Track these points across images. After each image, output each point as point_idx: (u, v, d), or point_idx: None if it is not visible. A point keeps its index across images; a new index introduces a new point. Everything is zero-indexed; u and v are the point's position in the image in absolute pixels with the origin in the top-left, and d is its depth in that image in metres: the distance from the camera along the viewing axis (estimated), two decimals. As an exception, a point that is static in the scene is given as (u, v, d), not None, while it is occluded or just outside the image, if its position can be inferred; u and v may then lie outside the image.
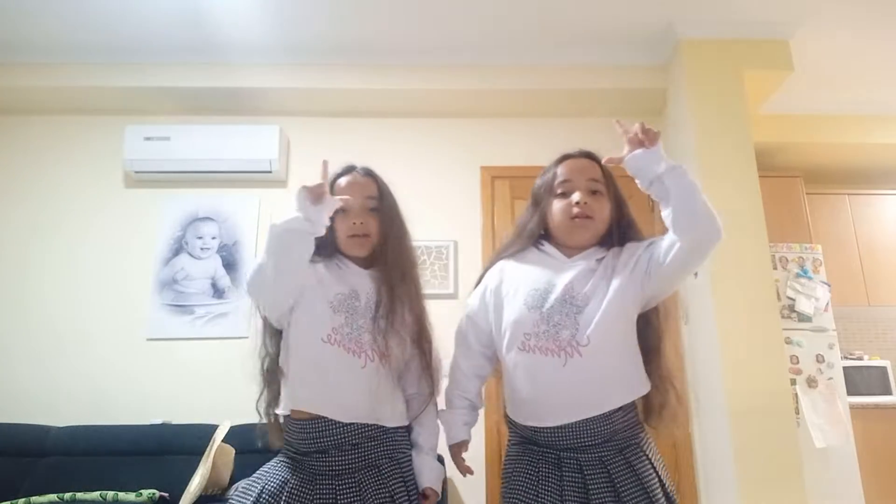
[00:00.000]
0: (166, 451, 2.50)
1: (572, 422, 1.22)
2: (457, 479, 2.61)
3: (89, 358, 2.84)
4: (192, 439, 2.49)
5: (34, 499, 2.22)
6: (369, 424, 1.27)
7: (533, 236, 1.40)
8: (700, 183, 1.20)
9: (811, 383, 2.92)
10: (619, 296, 1.25)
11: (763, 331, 2.47)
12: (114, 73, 2.98)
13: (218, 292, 2.95)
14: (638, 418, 1.29)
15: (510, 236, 1.47)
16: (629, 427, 1.25)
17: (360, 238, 1.35)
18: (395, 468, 1.28)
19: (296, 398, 1.27)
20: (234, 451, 2.39)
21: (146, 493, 2.26)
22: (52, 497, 2.23)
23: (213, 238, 3.04)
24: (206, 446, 2.31)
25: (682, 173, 1.19)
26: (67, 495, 2.24)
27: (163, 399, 2.77)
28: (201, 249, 3.02)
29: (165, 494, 2.30)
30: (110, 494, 2.26)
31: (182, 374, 2.82)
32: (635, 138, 1.22)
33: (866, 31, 2.80)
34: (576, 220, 1.32)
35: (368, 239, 1.36)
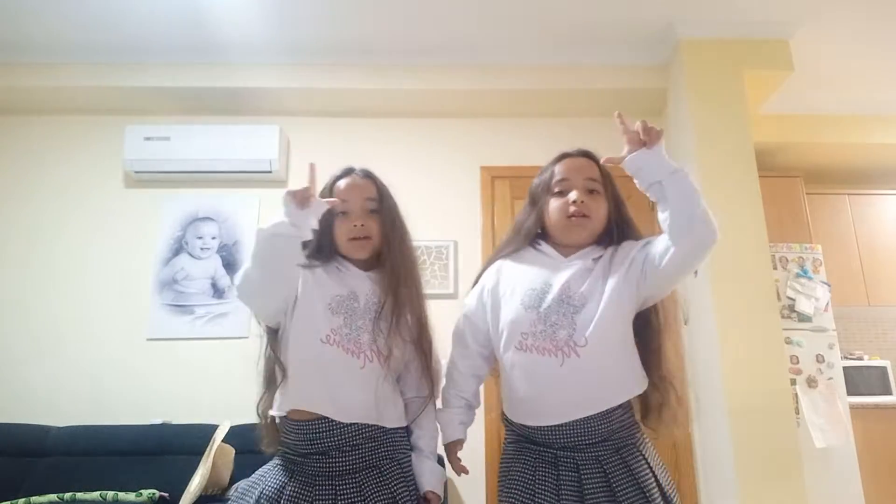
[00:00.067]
0: (166, 451, 2.50)
1: (569, 421, 1.22)
2: (457, 479, 2.61)
3: (89, 357, 2.84)
4: (192, 439, 2.49)
5: (34, 499, 2.22)
6: (370, 425, 1.26)
7: (530, 235, 1.40)
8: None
9: (811, 383, 2.92)
10: (615, 296, 1.24)
11: (763, 331, 2.47)
12: (114, 73, 2.98)
13: (218, 292, 2.95)
14: (634, 419, 1.29)
15: (508, 235, 1.47)
16: (626, 427, 1.25)
17: (361, 241, 1.34)
18: (397, 468, 1.27)
19: (295, 398, 1.26)
20: (234, 451, 2.39)
21: (146, 493, 2.26)
22: (52, 497, 2.23)
23: (213, 238, 3.04)
24: (206, 446, 2.31)
25: (682, 178, 1.15)
26: (67, 495, 2.25)
27: (163, 399, 2.77)
28: (201, 249, 3.02)
29: (165, 494, 2.30)
30: (110, 494, 2.26)
31: (182, 374, 2.82)
32: (636, 137, 1.17)
33: (866, 31, 2.80)
34: (572, 219, 1.31)
35: (369, 241, 1.35)
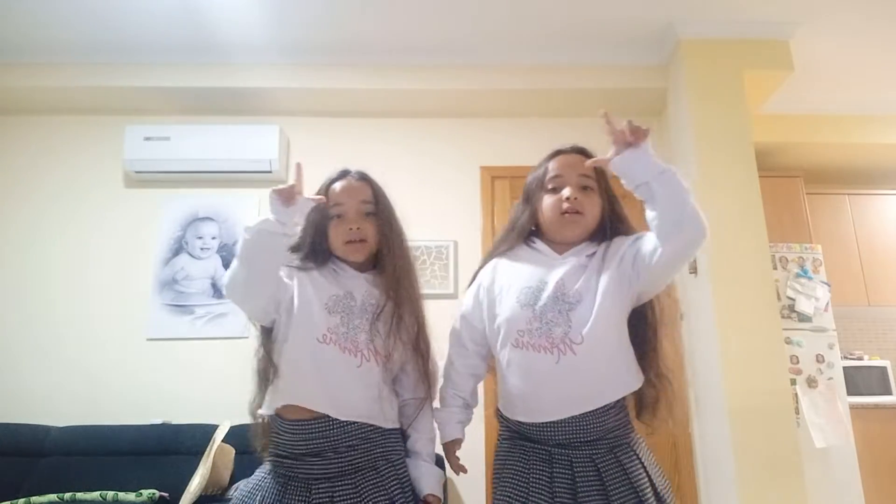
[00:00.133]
0: (166, 451, 2.50)
1: (564, 418, 1.22)
2: (457, 478, 2.61)
3: (89, 357, 2.84)
4: (192, 439, 2.49)
5: (34, 499, 2.22)
6: (366, 424, 1.26)
7: (524, 231, 1.40)
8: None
9: (811, 383, 2.92)
10: (609, 292, 1.24)
11: (763, 331, 2.47)
12: (114, 73, 2.97)
13: (218, 292, 2.94)
14: (629, 418, 1.29)
15: (502, 232, 1.47)
16: (621, 426, 1.25)
17: (357, 244, 1.34)
18: (392, 470, 1.27)
19: (292, 395, 1.25)
20: (234, 451, 2.39)
21: (146, 493, 2.26)
22: (52, 497, 2.23)
23: (213, 238, 3.04)
24: (206, 446, 2.31)
25: (671, 178, 1.14)
26: (67, 495, 2.25)
27: (163, 399, 2.77)
28: (201, 249, 3.02)
29: (165, 494, 2.30)
30: (110, 494, 2.26)
31: (182, 374, 2.82)
32: (622, 137, 1.15)
33: (866, 31, 2.80)
34: (566, 215, 1.31)
35: (366, 244, 1.35)
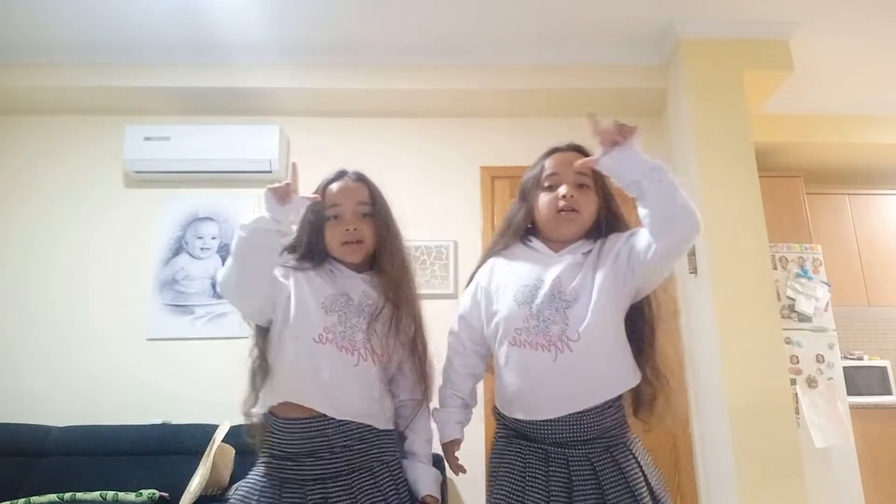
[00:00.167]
0: (166, 451, 2.49)
1: (562, 416, 1.22)
2: (457, 479, 2.61)
3: (89, 357, 2.84)
4: (192, 439, 2.49)
5: (34, 499, 2.22)
6: (362, 424, 1.25)
7: (520, 229, 1.40)
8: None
9: (811, 383, 2.92)
10: (605, 289, 1.24)
11: (763, 331, 2.47)
12: (114, 73, 2.97)
13: (218, 292, 2.94)
14: (625, 418, 1.29)
15: (499, 230, 1.47)
16: (617, 426, 1.25)
17: (354, 245, 1.34)
18: (387, 472, 1.27)
19: (288, 393, 1.24)
20: (234, 451, 2.39)
21: (146, 493, 2.26)
22: (52, 497, 2.23)
23: (213, 238, 3.04)
24: (206, 446, 2.31)
25: (661, 175, 1.13)
26: (67, 495, 2.25)
27: (163, 399, 2.77)
28: (201, 249, 3.02)
29: (165, 494, 2.30)
30: (110, 494, 2.26)
31: (182, 374, 2.82)
32: (609, 136, 1.15)
33: (866, 31, 2.80)
34: (562, 213, 1.31)
35: (362, 245, 1.35)
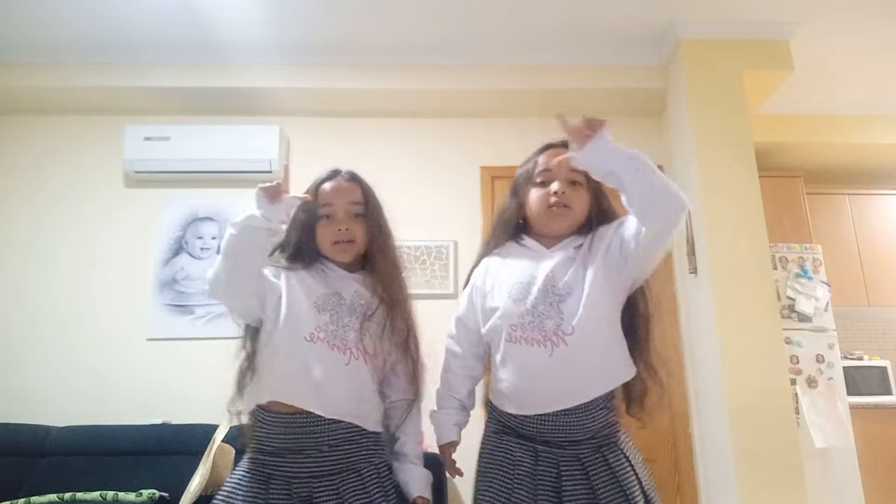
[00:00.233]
0: (166, 451, 2.49)
1: (556, 410, 1.22)
2: (457, 479, 2.61)
3: (89, 357, 2.84)
4: (192, 439, 2.48)
5: (34, 499, 2.22)
6: (351, 425, 1.25)
7: (511, 224, 1.41)
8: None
9: (811, 383, 2.92)
10: (597, 282, 1.25)
11: (763, 331, 2.46)
12: (114, 72, 2.97)
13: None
14: (616, 418, 1.29)
15: (491, 228, 1.48)
16: (609, 426, 1.26)
17: (345, 244, 1.34)
18: (374, 473, 1.26)
19: (278, 391, 1.24)
20: (234, 451, 2.39)
21: (146, 493, 2.26)
22: (52, 497, 2.23)
23: (213, 238, 3.04)
24: (206, 446, 2.31)
25: (635, 162, 1.14)
26: (67, 495, 2.24)
27: (163, 399, 2.76)
28: (201, 249, 3.02)
29: (165, 494, 2.29)
30: (110, 494, 2.25)
31: (182, 374, 2.82)
32: (579, 132, 1.15)
33: (866, 31, 2.80)
34: (553, 208, 1.32)
35: (354, 245, 1.35)
